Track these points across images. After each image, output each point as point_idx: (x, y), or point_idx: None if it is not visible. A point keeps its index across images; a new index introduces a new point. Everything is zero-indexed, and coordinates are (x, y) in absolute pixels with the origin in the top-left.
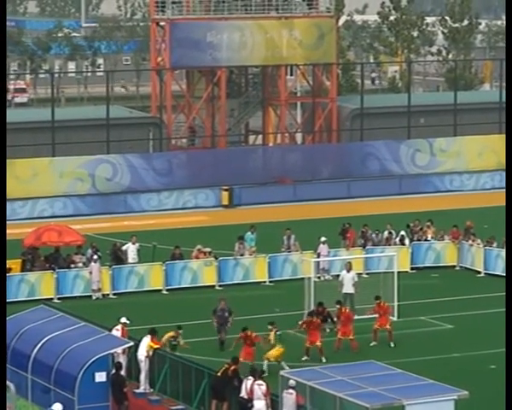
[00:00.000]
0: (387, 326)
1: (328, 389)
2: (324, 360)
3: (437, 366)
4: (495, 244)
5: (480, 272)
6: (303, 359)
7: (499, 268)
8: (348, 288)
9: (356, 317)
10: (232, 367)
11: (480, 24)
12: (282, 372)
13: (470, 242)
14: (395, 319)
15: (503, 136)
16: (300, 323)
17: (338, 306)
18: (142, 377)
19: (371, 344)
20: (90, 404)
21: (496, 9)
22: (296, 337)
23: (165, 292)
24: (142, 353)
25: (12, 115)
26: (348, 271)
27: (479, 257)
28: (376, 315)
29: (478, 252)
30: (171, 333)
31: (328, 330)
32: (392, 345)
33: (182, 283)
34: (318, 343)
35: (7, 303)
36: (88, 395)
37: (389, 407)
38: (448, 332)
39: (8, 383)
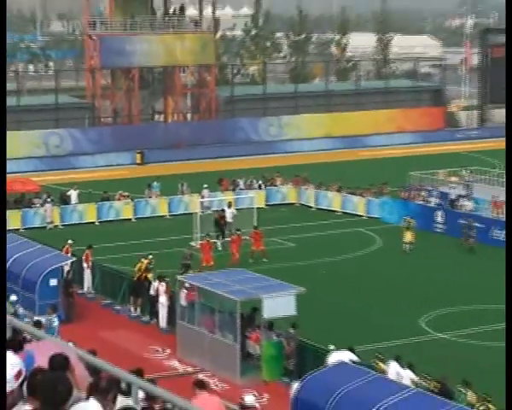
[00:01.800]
0: (262, 247)
1: (210, 288)
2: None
3: (286, 271)
4: (324, 187)
5: (312, 207)
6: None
7: (325, 204)
8: (229, 218)
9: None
10: (144, 274)
11: (312, 37)
12: (178, 277)
13: (305, 186)
14: None
15: (329, 114)
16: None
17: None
18: (85, 282)
19: (250, 261)
20: (46, 301)
21: (324, 27)
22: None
23: (97, 224)
24: (85, 265)
25: None
26: (229, 207)
27: (311, 197)
28: (253, 239)
29: (310, 193)
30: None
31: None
32: (265, 260)
33: (109, 217)
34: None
35: None
36: (45, 295)
37: (251, 300)
38: (292, 249)
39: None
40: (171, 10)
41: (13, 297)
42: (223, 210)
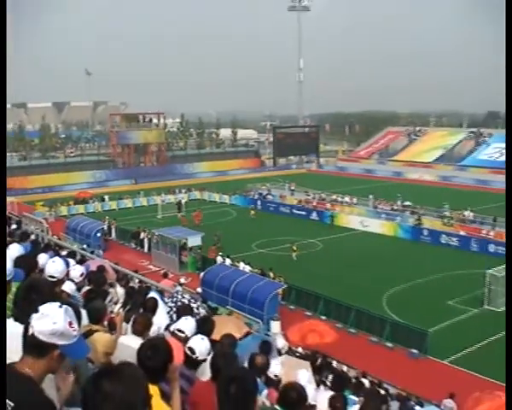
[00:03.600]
0: (199, 218)
1: (166, 235)
2: None
3: (206, 228)
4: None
5: (206, 200)
6: None
7: (216, 199)
8: (183, 204)
9: None
10: (139, 230)
11: (205, 131)
12: (156, 232)
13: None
14: None
15: (210, 162)
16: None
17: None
18: (112, 234)
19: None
20: (96, 243)
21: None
22: None
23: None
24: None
25: None
26: (182, 199)
27: (205, 196)
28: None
29: (206, 194)
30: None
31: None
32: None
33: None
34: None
35: None
36: (95, 241)
37: (182, 238)
38: (206, 219)
39: None
40: (147, 120)
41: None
42: (179, 201)
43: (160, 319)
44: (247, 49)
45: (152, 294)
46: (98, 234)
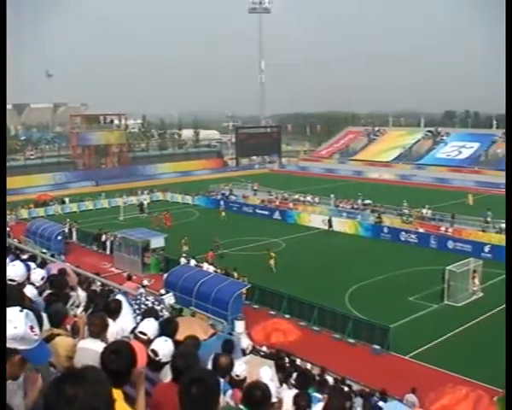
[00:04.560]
0: (168, 218)
1: (129, 237)
2: None
3: (176, 231)
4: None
5: (169, 201)
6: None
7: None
8: (145, 206)
9: None
10: (101, 232)
11: (166, 131)
12: (119, 234)
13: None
14: None
15: (174, 163)
16: None
17: None
18: (73, 236)
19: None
20: (57, 246)
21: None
22: None
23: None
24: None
25: None
26: (144, 200)
27: (168, 197)
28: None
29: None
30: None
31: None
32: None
33: None
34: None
35: None
36: (56, 244)
37: (145, 240)
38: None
39: None
40: (108, 121)
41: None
42: (142, 202)
43: (124, 322)
44: (208, 50)
45: (118, 296)
46: (59, 237)
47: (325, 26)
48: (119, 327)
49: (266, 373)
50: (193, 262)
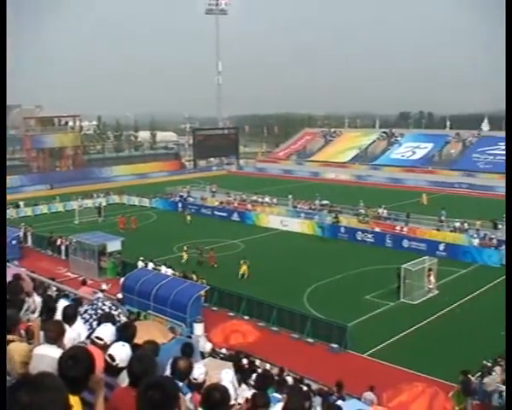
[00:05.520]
0: (122, 223)
1: (84, 241)
2: None
3: (135, 235)
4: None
5: (125, 204)
6: None
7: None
8: (102, 210)
9: None
10: (55, 237)
11: (122, 134)
12: (74, 239)
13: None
14: None
15: (128, 166)
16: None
17: None
18: (28, 241)
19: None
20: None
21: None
22: None
23: None
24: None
25: None
26: (100, 203)
27: (124, 199)
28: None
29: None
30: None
31: None
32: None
33: None
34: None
35: None
36: (11, 250)
37: (102, 244)
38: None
39: None
40: (62, 123)
41: None
42: (99, 206)
43: (79, 328)
44: (164, 51)
45: (64, 302)
46: (14, 241)
47: (282, 28)
48: (75, 333)
49: (227, 376)
50: (151, 265)
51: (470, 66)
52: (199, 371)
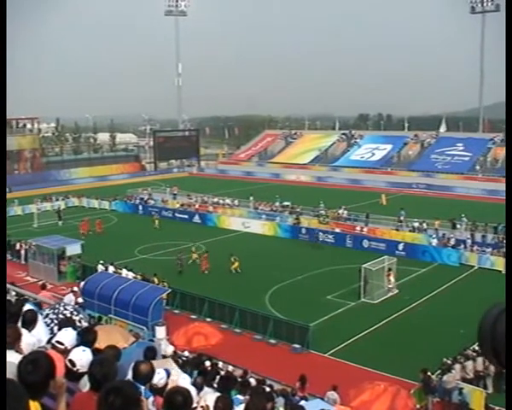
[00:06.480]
0: (85, 226)
1: (43, 245)
2: None
3: (96, 239)
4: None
5: (85, 207)
6: None
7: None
8: (61, 213)
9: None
10: (17, 242)
11: (81, 136)
12: (33, 242)
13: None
14: None
15: (91, 168)
16: None
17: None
18: None
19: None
20: None
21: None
22: None
23: None
24: None
25: None
26: (60, 206)
27: (84, 202)
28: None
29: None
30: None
31: None
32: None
33: None
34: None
35: None
36: None
37: (61, 248)
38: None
39: None
40: (20, 125)
41: None
42: (59, 209)
43: (39, 332)
44: (124, 52)
45: (28, 306)
46: None
47: (242, 30)
48: (35, 338)
49: (185, 382)
50: (111, 269)
51: (428, 68)
52: (158, 377)
